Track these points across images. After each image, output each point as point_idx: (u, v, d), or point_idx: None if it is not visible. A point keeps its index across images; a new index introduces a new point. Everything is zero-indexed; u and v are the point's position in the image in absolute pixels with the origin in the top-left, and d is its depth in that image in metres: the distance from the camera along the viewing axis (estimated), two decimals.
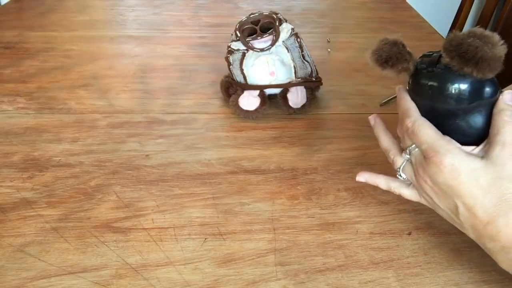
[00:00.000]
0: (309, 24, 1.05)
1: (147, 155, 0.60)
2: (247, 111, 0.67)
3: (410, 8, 1.17)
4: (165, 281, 0.43)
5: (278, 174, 0.57)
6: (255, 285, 0.43)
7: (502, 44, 0.35)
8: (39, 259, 0.45)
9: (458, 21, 1.35)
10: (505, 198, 0.36)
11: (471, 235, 0.40)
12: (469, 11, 1.34)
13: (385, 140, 0.46)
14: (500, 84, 0.39)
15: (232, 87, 0.70)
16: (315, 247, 0.47)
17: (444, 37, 0.41)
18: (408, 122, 0.40)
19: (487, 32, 0.35)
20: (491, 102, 0.39)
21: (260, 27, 0.66)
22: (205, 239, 0.48)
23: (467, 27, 1.39)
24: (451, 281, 0.44)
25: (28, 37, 0.94)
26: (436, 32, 1.02)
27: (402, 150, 0.43)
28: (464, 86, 0.37)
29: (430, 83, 0.39)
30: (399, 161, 0.43)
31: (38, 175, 0.56)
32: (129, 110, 0.70)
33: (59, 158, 0.59)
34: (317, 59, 0.74)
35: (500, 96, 0.38)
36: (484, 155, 0.38)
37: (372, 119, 0.48)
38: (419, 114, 0.41)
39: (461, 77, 0.37)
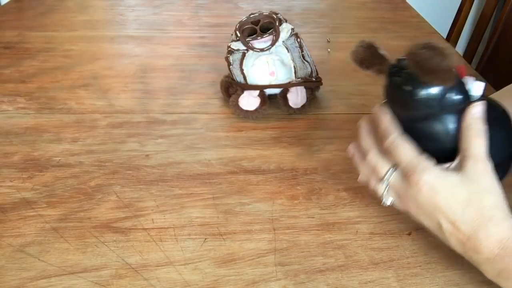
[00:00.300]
0: (309, 24, 1.05)
1: (147, 155, 0.60)
2: (247, 111, 0.67)
3: (410, 8, 1.17)
4: (165, 281, 0.43)
5: (278, 174, 0.57)
6: (255, 285, 0.43)
7: (452, 57, 0.36)
8: (39, 259, 0.45)
9: (458, 21, 1.35)
10: (482, 212, 0.37)
11: (458, 249, 0.40)
12: (469, 11, 1.34)
13: (364, 170, 0.46)
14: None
15: (232, 87, 0.69)
16: (315, 247, 0.47)
17: (444, 37, 0.41)
18: (387, 142, 0.41)
19: (439, 45, 0.36)
20: (461, 109, 0.39)
21: (260, 27, 0.66)
22: (205, 239, 0.48)
23: (467, 27, 1.39)
24: (451, 281, 0.44)
25: (28, 37, 0.94)
26: (436, 32, 1.02)
27: (380, 178, 0.43)
28: (428, 92, 0.38)
29: (398, 87, 0.40)
30: (381, 188, 0.44)
31: (38, 175, 0.56)
32: (129, 110, 0.70)
33: (59, 158, 0.59)
34: (317, 59, 0.74)
35: (468, 108, 0.39)
36: (459, 169, 0.39)
37: (351, 149, 0.48)
38: (399, 132, 0.41)
39: (424, 83, 0.38)
